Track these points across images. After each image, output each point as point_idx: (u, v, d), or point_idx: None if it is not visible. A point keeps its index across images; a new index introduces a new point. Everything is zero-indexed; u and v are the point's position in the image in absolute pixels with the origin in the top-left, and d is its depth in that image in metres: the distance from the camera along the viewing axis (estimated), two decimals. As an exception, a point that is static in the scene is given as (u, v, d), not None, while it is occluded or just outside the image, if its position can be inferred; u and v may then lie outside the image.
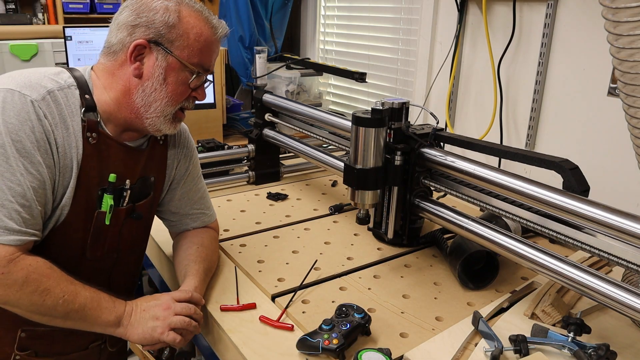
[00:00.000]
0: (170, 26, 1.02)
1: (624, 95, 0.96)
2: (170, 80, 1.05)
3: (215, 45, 1.09)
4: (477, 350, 1.00)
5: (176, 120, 1.11)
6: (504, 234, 1.15)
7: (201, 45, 1.05)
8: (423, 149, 1.31)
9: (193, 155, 1.30)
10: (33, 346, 1.08)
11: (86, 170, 1.02)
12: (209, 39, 1.06)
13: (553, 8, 1.74)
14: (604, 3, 0.90)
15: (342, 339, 0.96)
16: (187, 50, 1.04)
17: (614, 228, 0.91)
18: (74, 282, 0.98)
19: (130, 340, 1.02)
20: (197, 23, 1.04)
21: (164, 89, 1.05)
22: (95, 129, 1.03)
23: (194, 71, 1.05)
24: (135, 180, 1.13)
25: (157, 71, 1.03)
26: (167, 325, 1.01)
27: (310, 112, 1.67)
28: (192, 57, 1.05)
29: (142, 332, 1.00)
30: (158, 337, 1.00)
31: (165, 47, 1.03)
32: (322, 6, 2.98)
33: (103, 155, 1.06)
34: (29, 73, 1.00)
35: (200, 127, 2.34)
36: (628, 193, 1.62)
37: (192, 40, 1.04)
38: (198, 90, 1.11)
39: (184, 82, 1.06)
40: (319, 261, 1.33)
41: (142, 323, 1.01)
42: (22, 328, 1.06)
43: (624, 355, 0.99)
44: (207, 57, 1.07)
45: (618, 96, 1.26)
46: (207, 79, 1.13)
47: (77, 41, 2.02)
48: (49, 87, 0.99)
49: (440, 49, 2.21)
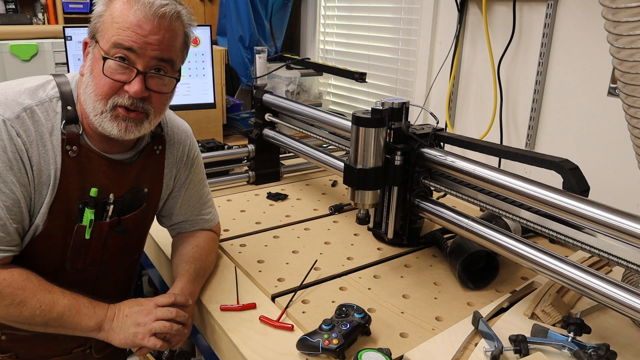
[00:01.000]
0: (99, 16, 0.97)
1: (624, 95, 0.96)
2: (95, 72, 0.97)
3: (143, 25, 0.94)
4: (477, 350, 1.00)
5: (118, 119, 0.98)
6: (504, 234, 1.15)
7: (118, 26, 0.94)
8: (423, 149, 1.31)
9: (195, 163, 1.26)
10: (14, 349, 1.09)
11: (65, 184, 1.00)
12: (129, 18, 0.93)
13: (553, 8, 1.74)
14: (604, 3, 0.90)
15: (342, 339, 0.96)
16: (106, 35, 0.95)
17: (614, 228, 0.91)
18: (52, 290, 0.98)
19: (113, 344, 1.02)
20: (120, 6, 0.95)
21: (91, 82, 0.97)
22: (75, 142, 1.00)
23: (105, 57, 0.94)
24: (124, 193, 1.10)
25: (87, 64, 0.99)
26: (148, 331, 1.00)
27: (310, 112, 1.67)
28: (108, 41, 0.94)
29: (123, 337, 1.00)
30: (139, 343, 1.00)
31: (95, 38, 0.97)
32: (322, 6, 2.98)
33: (85, 169, 1.03)
34: (7, 88, 0.98)
35: (200, 127, 2.34)
36: (628, 193, 1.62)
37: (110, 23, 0.95)
38: (130, 83, 0.96)
39: (105, 71, 0.95)
40: (319, 261, 1.33)
41: (124, 329, 1.01)
42: (2, 331, 1.06)
43: (624, 355, 0.99)
44: (126, 38, 0.93)
45: (618, 96, 1.26)
46: (149, 71, 0.97)
47: (77, 41, 2.01)
48: (26, 104, 0.96)
49: (440, 49, 2.21)
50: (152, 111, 1.01)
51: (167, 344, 1.03)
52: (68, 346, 1.15)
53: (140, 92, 0.96)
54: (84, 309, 1.00)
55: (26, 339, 1.08)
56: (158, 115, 1.04)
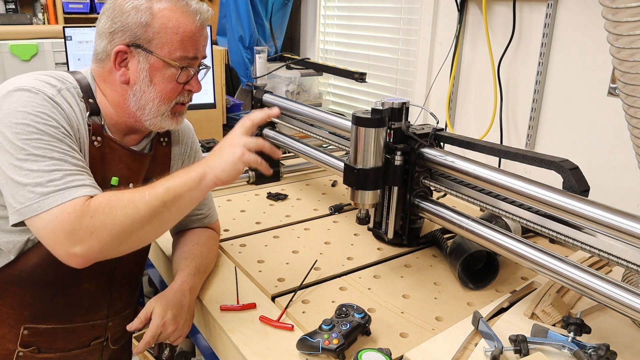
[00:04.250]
0: (145, 25, 0.99)
1: (624, 95, 0.96)
2: (156, 80, 1.03)
3: (199, 32, 1.04)
4: (477, 350, 1.00)
5: (176, 115, 1.09)
6: (504, 234, 1.15)
7: (181, 38, 1.01)
8: (423, 149, 1.31)
9: (197, 156, 1.30)
10: (35, 343, 1.09)
11: (90, 172, 1.02)
12: (189, 28, 1.02)
13: (553, 8, 1.74)
14: (604, 3, 0.90)
15: (342, 339, 0.96)
16: (167, 46, 1.01)
17: (614, 228, 0.91)
18: (142, 187, 0.97)
19: (222, 178, 0.96)
20: (173, 15, 1.00)
21: (153, 89, 1.03)
22: (99, 133, 1.03)
23: (178, 66, 1.03)
24: (141, 183, 1.13)
25: (142, 74, 1.02)
26: (243, 144, 0.97)
27: (310, 112, 1.67)
28: (174, 52, 1.01)
29: (229, 160, 0.96)
30: (245, 159, 0.96)
31: (145, 47, 1.01)
32: (322, 6, 2.98)
33: (107, 159, 1.06)
34: (32, 74, 1.00)
35: (200, 127, 2.32)
36: (628, 193, 1.62)
37: (170, 34, 1.00)
38: (191, 83, 1.07)
39: (171, 79, 1.04)
40: (319, 261, 1.33)
41: (223, 156, 0.97)
42: (24, 325, 1.07)
43: (624, 355, 0.99)
44: (191, 48, 1.03)
45: (618, 96, 1.26)
46: (200, 68, 1.08)
47: (77, 41, 2.02)
48: (58, 86, 0.99)
49: (440, 49, 2.21)
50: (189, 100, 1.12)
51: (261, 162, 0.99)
52: (86, 339, 1.16)
53: (200, 88, 1.10)
54: (180, 172, 0.98)
55: (47, 332, 1.09)
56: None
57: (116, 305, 1.20)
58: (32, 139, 0.89)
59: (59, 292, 1.08)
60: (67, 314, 1.11)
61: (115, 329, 1.23)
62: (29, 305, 1.06)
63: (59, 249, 0.88)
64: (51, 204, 0.87)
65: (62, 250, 0.88)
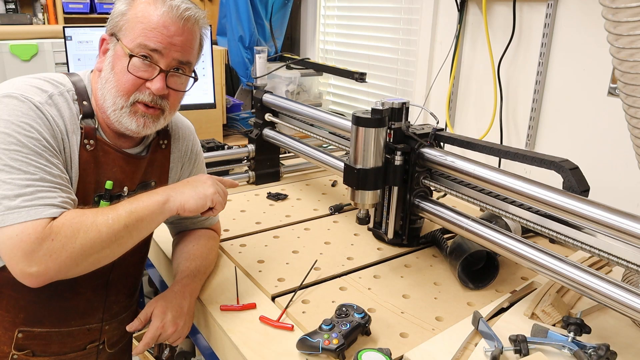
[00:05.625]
0: (122, 14, 1.00)
1: (624, 95, 0.96)
2: (117, 69, 1.00)
3: (167, 25, 0.98)
4: (477, 350, 1.00)
5: (137, 115, 1.02)
6: (504, 234, 1.15)
7: (144, 26, 0.98)
8: (423, 149, 1.31)
9: (197, 159, 1.29)
10: (30, 346, 1.08)
11: (83, 176, 1.02)
12: (153, 18, 0.98)
13: (553, 8, 1.74)
14: (604, 3, 0.90)
15: (342, 339, 0.96)
16: (130, 33, 0.99)
17: (614, 228, 0.91)
18: (105, 208, 0.98)
19: (187, 207, 1.02)
20: (145, 6, 0.99)
21: (113, 79, 1.01)
22: (92, 136, 1.03)
23: (129, 54, 0.98)
24: (136, 187, 1.13)
25: (107, 60, 1.02)
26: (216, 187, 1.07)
27: (310, 112, 1.67)
28: (134, 40, 0.99)
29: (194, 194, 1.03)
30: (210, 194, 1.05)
31: (116, 35, 1.01)
32: (322, 6, 2.98)
33: (100, 162, 1.05)
34: (25, 78, 1.00)
35: (200, 127, 2.32)
36: (628, 193, 1.62)
37: (135, 22, 0.99)
38: (153, 80, 1.01)
39: (127, 69, 0.99)
40: (319, 261, 1.33)
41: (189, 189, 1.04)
42: (19, 329, 1.06)
43: (624, 355, 0.99)
44: (152, 38, 0.98)
45: (618, 96, 1.26)
46: (174, 71, 1.03)
47: (77, 41, 2.02)
48: (50, 91, 0.98)
49: (440, 49, 2.21)
50: (167, 108, 1.06)
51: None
52: (82, 342, 1.16)
53: (162, 90, 1.02)
54: (144, 196, 1.00)
55: (42, 335, 1.09)
56: (172, 112, 1.10)
57: (112, 308, 1.20)
58: (10, 150, 0.89)
59: (54, 296, 1.07)
60: (62, 317, 1.10)
61: (112, 333, 1.22)
62: (24, 309, 1.05)
63: (14, 267, 0.87)
64: (14, 220, 0.86)
65: (18, 269, 0.87)
